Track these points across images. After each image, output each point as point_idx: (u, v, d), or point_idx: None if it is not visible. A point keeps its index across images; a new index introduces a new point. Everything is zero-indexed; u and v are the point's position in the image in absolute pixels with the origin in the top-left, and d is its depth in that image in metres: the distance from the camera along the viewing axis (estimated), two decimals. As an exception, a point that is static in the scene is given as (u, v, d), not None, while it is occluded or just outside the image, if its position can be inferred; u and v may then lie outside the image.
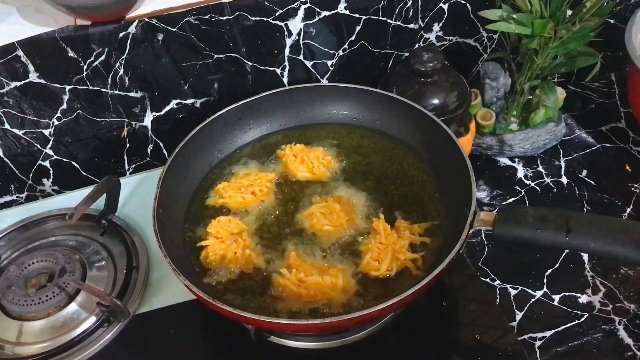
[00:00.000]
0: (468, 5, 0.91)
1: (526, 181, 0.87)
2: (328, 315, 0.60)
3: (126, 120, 0.89)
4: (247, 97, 0.81)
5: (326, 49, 0.90)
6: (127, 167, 0.96)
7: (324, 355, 0.67)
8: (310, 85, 0.85)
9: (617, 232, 0.54)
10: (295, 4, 0.83)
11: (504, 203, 0.84)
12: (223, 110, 0.80)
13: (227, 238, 0.68)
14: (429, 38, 0.95)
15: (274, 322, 0.56)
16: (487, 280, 0.74)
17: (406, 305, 0.60)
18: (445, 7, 0.91)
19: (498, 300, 0.72)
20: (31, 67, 0.79)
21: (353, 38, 0.90)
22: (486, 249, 0.78)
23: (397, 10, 0.89)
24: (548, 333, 0.68)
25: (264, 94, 0.82)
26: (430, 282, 0.56)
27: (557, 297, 0.72)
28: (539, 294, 0.72)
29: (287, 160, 0.78)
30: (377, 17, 0.88)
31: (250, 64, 0.88)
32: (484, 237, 0.79)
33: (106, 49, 0.80)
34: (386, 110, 0.81)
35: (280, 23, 0.84)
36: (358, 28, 0.89)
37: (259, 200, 0.74)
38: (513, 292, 0.73)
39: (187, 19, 0.80)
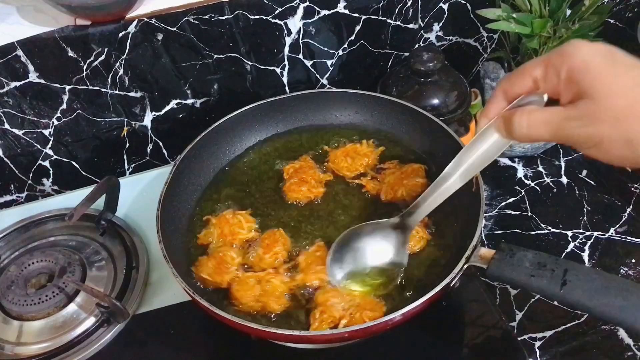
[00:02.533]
0: (468, 5, 0.91)
1: (526, 181, 0.87)
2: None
3: (126, 120, 0.89)
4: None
5: (326, 49, 0.90)
6: (126, 167, 0.96)
7: (324, 355, 0.67)
8: (313, 92, 0.84)
9: (617, 295, 0.49)
10: (294, 2, 0.83)
11: (504, 203, 0.84)
12: (236, 112, 0.80)
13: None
14: (429, 38, 0.95)
15: (272, 332, 0.56)
16: (487, 280, 0.74)
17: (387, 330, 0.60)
18: (445, 7, 0.91)
19: (498, 300, 0.72)
20: (31, 67, 0.79)
21: (353, 38, 0.90)
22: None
23: (397, 10, 0.89)
24: (548, 333, 0.68)
25: (277, 97, 0.82)
26: (417, 307, 0.56)
27: (557, 297, 0.72)
28: (538, 293, 0.72)
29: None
30: (376, 17, 0.88)
31: (250, 63, 0.88)
32: (484, 237, 0.79)
33: (106, 49, 0.80)
34: (390, 114, 0.81)
35: (279, 22, 0.84)
36: (358, 28, 0.89)
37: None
38: (513, 292, 0.73)
39: (186, 18, 0.80)
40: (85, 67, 0.81)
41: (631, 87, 0.38)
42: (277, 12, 0.83)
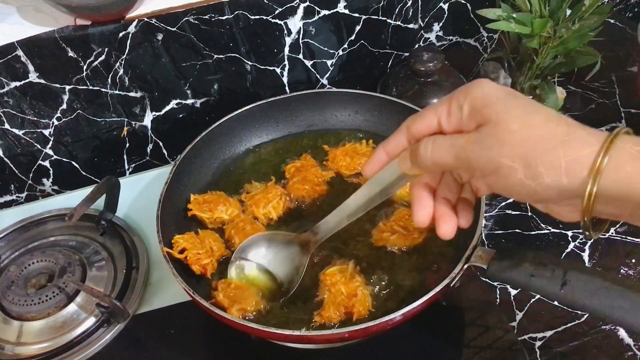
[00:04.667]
0: (468, 5, 0.91)
1: (526, 181, 0.87)
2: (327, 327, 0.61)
3: (126, 120, 0.89)
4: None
5: (326, 49, 0.90)
6: (126, 167, 0.96)
7: (324, 355, 0.67)
8: (313, 92, 0.84)
9: (617, 295, 0.49)
10: (294, 2, 0.83)
11: (504, 203, 0.84)
12: (236, 112, 0.80)
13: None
14: (429, 38, 0.95)
15: (272, 332, 0.56)
16: (487, 280, 0.74)
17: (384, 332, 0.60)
18: (445, 7, 0.91)
19: (498, 300, 0.72)
20: (31, 67, 0.79)
21: (353, 38, 0.90)
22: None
23: (397, 10, 0.89)
24: (548, 333, 0.68)
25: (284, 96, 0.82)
26: (417, 308, 0.56)
27: (557, 297, 0.72)
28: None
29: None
30: (377, 17, 0.88)
31: (250, 63, 0.88)
32: (484, 237, 0.79)
33: (106, 49, 0.80)
34: (390, 114, 0.81)
35: (279, 22, 0.84)
36: (358, 28, 0.89)
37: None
38: (513, 292, 0.73)
39: (186, 18, 0.80)
40: (85, 67, 0.81)
41: (525, 114, 0.39)
42: (277, 12, 0.83)
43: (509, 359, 0.64)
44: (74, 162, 0.92)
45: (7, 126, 0.85)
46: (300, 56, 0.90)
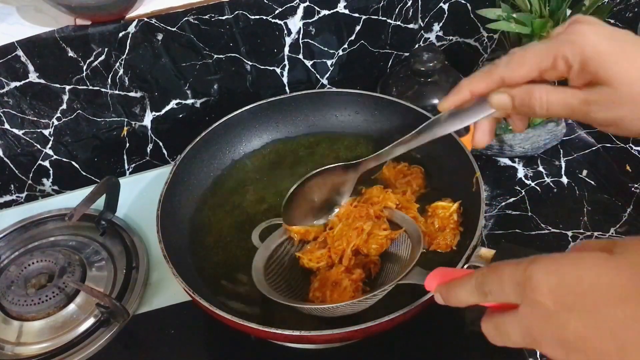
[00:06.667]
0: (468, 5, 0.91)
1: (526, 181, 0.87)
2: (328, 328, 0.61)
3: (126, 120, 0.89)
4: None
5: (326, 49, 0.90)
6: (126, 167, 0.96)
7: (325, 355, 0.67)
8: (313, 92, 0.83)
9: None
10: (294, 2, 0.83)
11: (504, 203, 0.84)
12: (236, 112, 0.79)
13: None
14: (429, 38, 0.95)
15: (271, 332, 0.56)
16: (487, 280, 0.74)
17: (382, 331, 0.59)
18: (445, 7, 0.91)
19: (498, 300, 0.72)
20: (31, 67, 0.79)
21: (353, 38, 0.90)
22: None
23: (397, 10, 0.89)
24: (548, 333, 0.68)
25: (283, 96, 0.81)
26: (417, 307, 0.56)
27: (557, 297, 0.71)
28: (539, 293, 0.72)
29: None
30: (376, 17, 0.88)
31: (250, 63, 0.88)
32: (484, 237, 0.79)
33: (106, 49, 0.80)
34: (391, 114, 0.81)
35: (279, 22, 0.84)
36: (358, 28, 0.89)
37: None
38: (513, 292, 0.73)
39: (186, 18, 0.80)
40: (85, 67, 0.81)
41: None
42: (277, 12, 0.83)
43: (509, 359, 0.64)
44: (74, 162, 0.92)
45: (7, 126, 0.85)
46: (300, 56, 0.90)
